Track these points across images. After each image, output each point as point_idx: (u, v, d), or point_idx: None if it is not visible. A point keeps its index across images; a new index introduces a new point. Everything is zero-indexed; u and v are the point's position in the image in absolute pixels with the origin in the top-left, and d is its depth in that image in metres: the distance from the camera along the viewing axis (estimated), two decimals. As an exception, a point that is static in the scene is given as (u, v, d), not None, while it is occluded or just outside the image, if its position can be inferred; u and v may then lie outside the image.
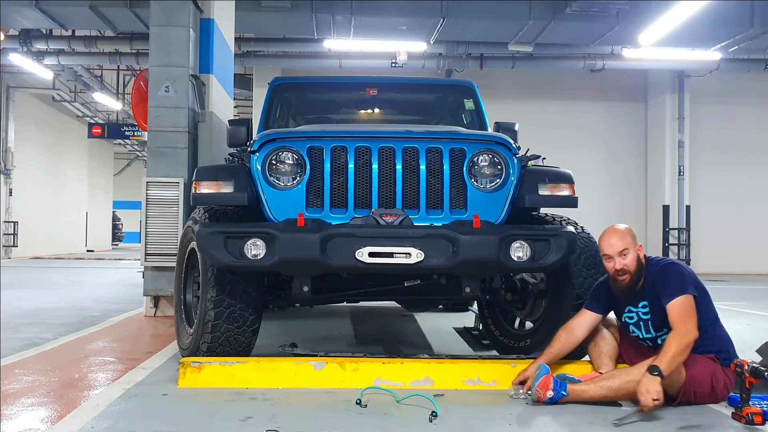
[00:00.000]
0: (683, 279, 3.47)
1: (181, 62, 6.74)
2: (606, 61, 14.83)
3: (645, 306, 3.57)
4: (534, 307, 4.43)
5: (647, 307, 3.56)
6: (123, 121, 23.05)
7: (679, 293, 3.40)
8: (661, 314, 3.47)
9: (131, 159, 34.64)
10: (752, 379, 3.12)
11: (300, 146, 3.84)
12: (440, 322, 6.57)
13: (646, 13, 11.56)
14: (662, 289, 3.46)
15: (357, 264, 3.56)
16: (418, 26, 12.55)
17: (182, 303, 4.36)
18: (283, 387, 3.67)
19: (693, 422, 3.09)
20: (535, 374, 3.44)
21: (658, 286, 3.49)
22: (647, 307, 3.56)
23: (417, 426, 3.02)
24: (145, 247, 6.60)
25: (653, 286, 3.51)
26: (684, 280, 3.46)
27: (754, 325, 6.91)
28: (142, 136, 19.07)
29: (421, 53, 14.30)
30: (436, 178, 3.84)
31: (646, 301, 3.57)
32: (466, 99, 5.65)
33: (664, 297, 3.43)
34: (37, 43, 14.43)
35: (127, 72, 19.39)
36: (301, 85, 6.23)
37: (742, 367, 3.17)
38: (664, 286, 3.47)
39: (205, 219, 4.01)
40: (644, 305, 3.58)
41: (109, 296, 8.97)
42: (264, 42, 14.59)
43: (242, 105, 20.39)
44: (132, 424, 2.98)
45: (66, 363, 4.42)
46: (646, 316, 3.58)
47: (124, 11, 11.37)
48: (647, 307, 3.56)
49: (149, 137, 6.77)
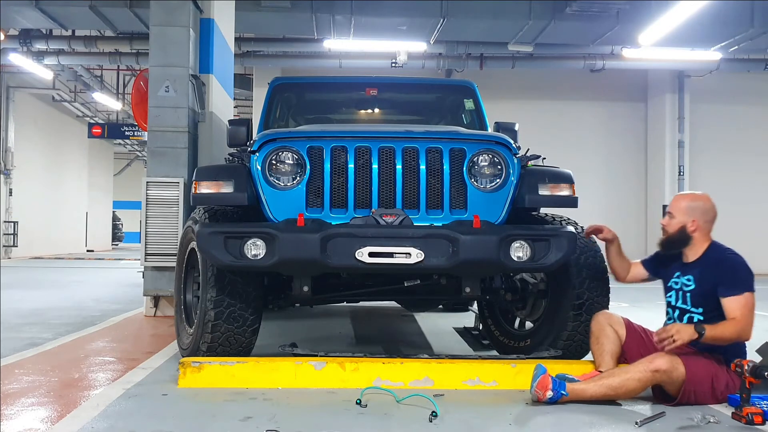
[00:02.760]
0: (749, 275, 3.49)
1: (181, 62, 6.74)
2: (606, 61, 14.83)
3: (690, 279, 3.58)
4: (534, 307, 4.43)
5: (692, 281, 3.57)
6: (123, 121, 23.06)
7: (745, 290, 3.42)
8: (703, 293, 3.50)
9: (131, 159, 34.65)
10: (752, 379, 3.12)
11: (300, 146, 3.85)
12: (440, 322, 6.57)
13: (646, 13, 11.56)
14: (724, 279, 3.45)
15: (357, 264, 3.57)
16: (418, 26, 12.55)
17: (182, 303, 4.36)
18: (283, 387, 3.67)
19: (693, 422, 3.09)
20: (533, 374, 3.45)
21: (721, 272, 3.48)
22: (692, 281, 3.57)
23: (417, 426, 3.02)
24: (145, 247, 6.60)
25: (713, 268, 3.52)
26: (750, 277, 3.48)
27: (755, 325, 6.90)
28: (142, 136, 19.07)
29: (421, 53, 14.30)
30: (436, 178, 3.85)
31: (694, 275, 3.58)
32: (466, 99, 5.66)
33: (727, 288, 3.43)
34: (37, 43, 14.42)
35: (127, 72, 19.38)
36: (301, 85, 6.23)
37: (742, 367, 3.17)
38: (728, 276, 3.46)
39: (205, 219, 4.01)
40: (690, 278, 3.59)
41: (109, 296, 8.97)
42: (264, 42, 14.58)
43: (242, 105, 20.38)
44: (132, 424, 2.98)
45: (66, 363, 4.42)
46: (688, 287, 3.59)
47: (124, 11, 11.37)
48: (692, 281, 3.57)
49: (149, 137, 6.77)
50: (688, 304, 3.59)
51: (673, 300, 3.69)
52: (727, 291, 3.42)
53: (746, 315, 3.39)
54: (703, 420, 3.07)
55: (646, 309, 8.25)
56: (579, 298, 4.02)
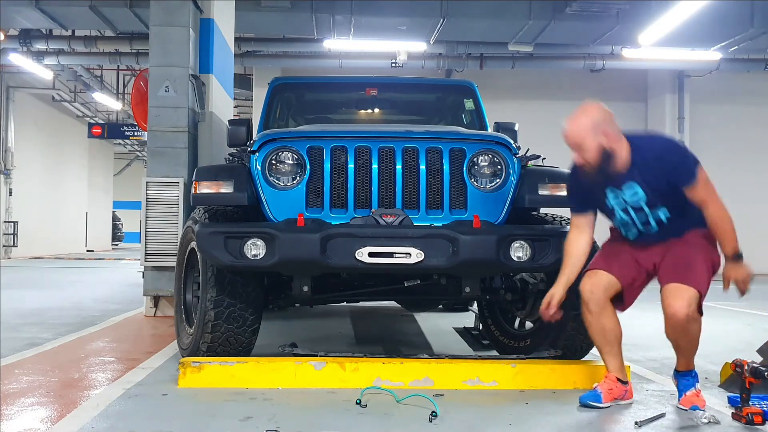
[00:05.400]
0: (689, 153, 3.28)
1: (181, 62, 6.74)
2: (606, 61, 14.83)
3: (632, 188, 3.27)
4: (534, 307, 4.42)
5: (635, 188, 3.26)
6: (123, 121, 23.07)
7: (696, 166, 3.21)
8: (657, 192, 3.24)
9: (131, 159, 34.66)
10: (752, 379, 3.11)
11: (300, 146, 3.85)
12: (440, 322, 6.57)
13: (646, 13, 11.55)
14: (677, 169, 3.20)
15: (357, 264, 3.57)
16: (418, 26, 12.54)
17: (182, 303, 4.36)
18: (283, 387, 3.67)
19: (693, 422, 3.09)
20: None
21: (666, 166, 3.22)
22: (635, 189, 3.26)
23: (417, 426, 3.01)
24: (145, 247, 6.60)
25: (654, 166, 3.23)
26: (690, 154, 3.28)
27: (754, 325, 6.92)
28: (142, 136, 19.07)
29: (421, 53, 14.29)
30: (436, 178, 3.85)
31: (633, 182, 3.26)
32: (466, 99, 5.65)
33: (684, 176, 3.19)
34: (37, 43, 14.42)
35: (127, 72, 19.39)
36: (301, 85, 6.23)
37: (742, 367, 3.17)
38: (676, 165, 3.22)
39: (205, 219, 4.01)
40: (630, 186, 3.27)
41: (109, 296, 8.97)
42: (264, 42, 14.58)
43: (242, 105, 20.39)
44: (132, 424, 2.98)
45: (66, 363, 4.41)
46: (634, 198, 3.28)
47: (124, 11, 11.37)
48: (635, 188, 3.26)
49: (149, 137, 6.77)
50: (648, 212, 3.30)
51: (627, 218, 3.35)
52: (686, 179, 3.19)
53: (712, 188, 3.24)
54: (703, 420, 3.08)
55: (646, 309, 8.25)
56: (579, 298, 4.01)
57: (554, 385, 3.75)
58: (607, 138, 3.21)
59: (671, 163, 3.22)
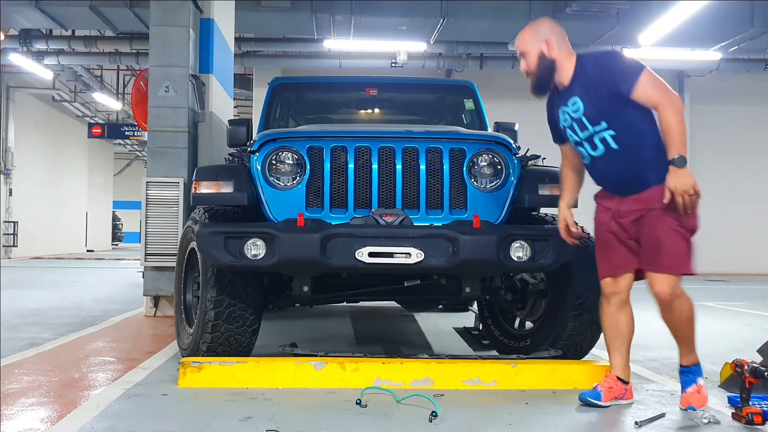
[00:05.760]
0: (629, 61, 3.19)
1: (181, 62, 6.74)
2: (606, 61, 14.81)
3: (575, 103, 3.25)
4: (534, 307, 4.42)
5: (578, 101, 3.24)
6: (123, 121, 23.08)
7: (640, 69, 3.11)
8: (597, 105, 3.19)
9: (131, 159, 34.67)
10: (752, 379, 3.11)
11: (300, 146, 3.85)
12: (440, 322, 6.57)
13: (646, 13, 11.56)
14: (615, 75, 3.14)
15: (357, 264, 3.57)
16: (418, 26, 12.55)
17: (182, 303, 4.36)
18: (283, 387, 3.67)
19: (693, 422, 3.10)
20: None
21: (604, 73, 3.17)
22: (578, 102, 3.24)
23: (417, 426, 3.02)
24: (145, 247, 6.60)
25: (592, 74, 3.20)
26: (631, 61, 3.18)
27: (754, 325, 6.92)
28: (142, 136, 19.08)
29: (421, 53, 14.30)
30: (436, 178, 3.85)
31: (577, 95, 3.25)
32: (466, 99, 5.66)
33: (625, 81, 3.11)
34: (37, 43, 14.43)
35: (127, 72, 19.39)
36: (301, 85, 6.23)
37: (742, 367, 3.17)
38: (614, 70, 3.15)
39: (205, 219, 4.01)
40: (574, 102, 3.26)
41: (109, 296, 8.97)
42: (264, 42, 14.59)
43: (242, 105, 20.39)
44: (132, 424, 2.98)
45: (66, 363, 4.42)
46: (577, 113, 3.26)
47: (124, 11, 11.37)
48: (578, 101, 3.24)
49: (149, 137, 6.77)
50: (589, 128, 3.24)
51: (576, 136, 3.31)
52: (627, 84, 3.11)
53: (661, 89, 3.10)
54: (703, 420, 3.08)
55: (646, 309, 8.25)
56: (579, 298, 4.02)
57: (554, 385, 3.75)
58: (548, 47, 3.28)
59: (608, 70, 3.19)
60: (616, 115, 3.19)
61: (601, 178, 3.41)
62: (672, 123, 3.06)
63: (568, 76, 3.29)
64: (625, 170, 3.25)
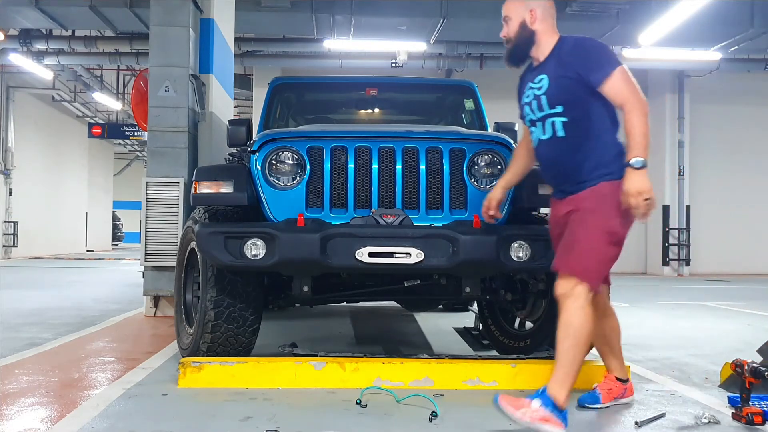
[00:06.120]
0: (608, 52, 3.09)
1: (181, 62, 6.74)
2: (606, 61, 14.80)
3: (541, 80, 3.15)
4: (534, 307, 4.42)
5: (545, 79, 3.14)
6: (123, 121, 23.06)
7: (616, 64, 3.02)
8: (561, 86, 3.08)
9: (131, 159, 34.66)
10: (752, 379, 3.12)
11: (300, 146, 3.85)
12: (440, 322, 6.57)
13: (646, 13, 11.56)
14: (588, 62, 3.04)
15: (357, 264, 3.57)
16: (418, 26, 12.54)
17: (182, 303, 4.36)
18: (283, 387, 3.67)
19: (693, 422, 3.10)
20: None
21: (579, 57, 3.07)
22: (544, 79, 3.14)
23: (417, 426, 3.02)
24: (145, 247, 6.60)
25: (568, 55, 3.11)
26: (610, 53, 3.08)
27: (754, 325, 6.92)
28: (142, 136, 19.08)
29: (421, 53, 14.29)
30: (436, 178, 3.85)
31: (547, 73, 3.14)
32: (466, 99, 5.65)
33: (596, 71, 3.01)
34: (37, 43, 14.42)
35: (127, 72, 19.39)
36: (301, 85, 6.23)
37: (742, 367, 3.17)
38: (590, 58, 3.06)
39: (205, 219, 4.01)
40: (541, 79, 3.16)
41: (109, 296, 8.97)
42: (264, 42, 14.58)
43: (242, 105, 20.39)
44: (132, 424, 2.98)
45: (66, 363, 4.42)
46: (539, 91, 3.15)
47: (124, 11, 11.37)
48: (545, 79, 3.14)
49: (149, 137, 6.77)
50: (545, 109, 3.12)
51: (532, 114, 3.20)
52: (599, 74, 3.00)
53: (632, 89, 2.99)
54: (703, 420, 3.08)
55: (646, 309, 8.26)
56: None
57: (554, 385, 3.74)
58: (532, 17, 3.19)
59: (584, 55, 3.08)
60: (576, 104, 3.08)
61: (543, 165, 3.30)
62: (636, 125, 2.94)
63: (545, 52, 3.20)
64: (565, 161, 3.12)
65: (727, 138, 17.25)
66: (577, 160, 3.07)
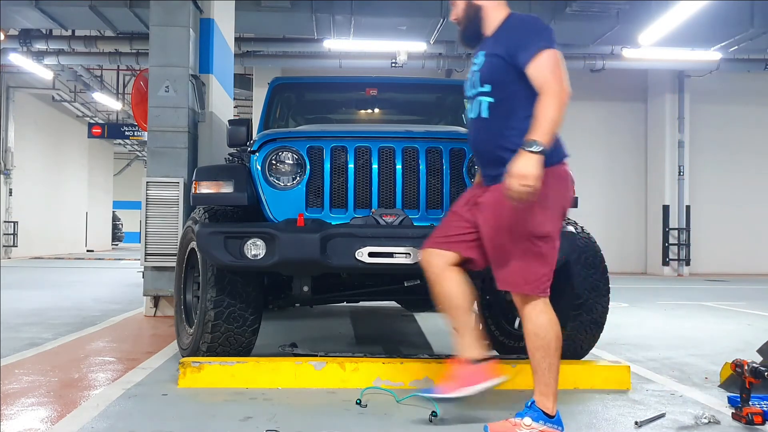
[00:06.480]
0: (545, 29, 2.89)
1: (181, 62, 6.74)
2: (606, 61, 14.82)
3: (479, 56, 3.02)
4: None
5: (480, 56, 3.00)
6: (123, 121, 23.07)
7: (542, 46, 2.80)
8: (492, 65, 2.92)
9: (131, 159, 34.67)
10: (752, 379, 3.12)
11: (300, 146, 3.85)
12: (440, 322, 6.56)
13: (646, 13, 11.56)
14: (518, 41, 2.86)
15: (357, 264, 3.56)
16: (418, 26, 12.55)
17: (182, 303, 4.36)
18: (283, 387, 3.67)
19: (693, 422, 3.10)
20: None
21: (511, 35, 2.91)
22: (479, 57, 3.00)
23: (417, 426, 3.02)
24: (145, 247, 6.60)
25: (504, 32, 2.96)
26: (546, 32, 2.88)
27: (754, 325, 6.92)
28: (142, 136, 19.08)
29: (421, 53, 14.30)
30: (436, 178, 3.85)
31: (485, 50, 3.00)
32: (466, 99, 5.65)
33: (524, 52, 2.82)
34: (37, 43, 14.42)
35: (127, 72, 19.40)
36: (301, 85, 6.23)
37: (742, 367, 3.17)
38: (520, 36, 2.88)
39: (205, 219, 4.01)
40: (479, 55, 3.03)
41: (109, 296, 8.97)
42: (264, 42, 14.59)
43: (242, 105, 20.39)
44: (132, 424, 2.98)
45: (66, 363, 4.42)
46: (476, 66, 3.01)
47: (124, 11, 11.38)
48: (480, 56, 3.00)
49: (149, 137, 6.77)
50: (477, 86, 2.98)
51: (467, 89, 3.08)
52: (526, 54, 2.81)
53: (556, 74, 2.78)
54: (703, 420, 3.08)
55: (646, 309, 8.26)
56: (579, 298, 4.02)
57: (554, 385, 3.74)
58: None
59: (517, 34, 2.90)
60: (503, 85, 2.91)
61: (471, 144, 3.18)
62: (546, 109, 2.73)
63: (491, 28, 3.02)
64: (486, 144, 2.97)
65: (727, 138, 17.25)
66: (498, 145, 2.90)
